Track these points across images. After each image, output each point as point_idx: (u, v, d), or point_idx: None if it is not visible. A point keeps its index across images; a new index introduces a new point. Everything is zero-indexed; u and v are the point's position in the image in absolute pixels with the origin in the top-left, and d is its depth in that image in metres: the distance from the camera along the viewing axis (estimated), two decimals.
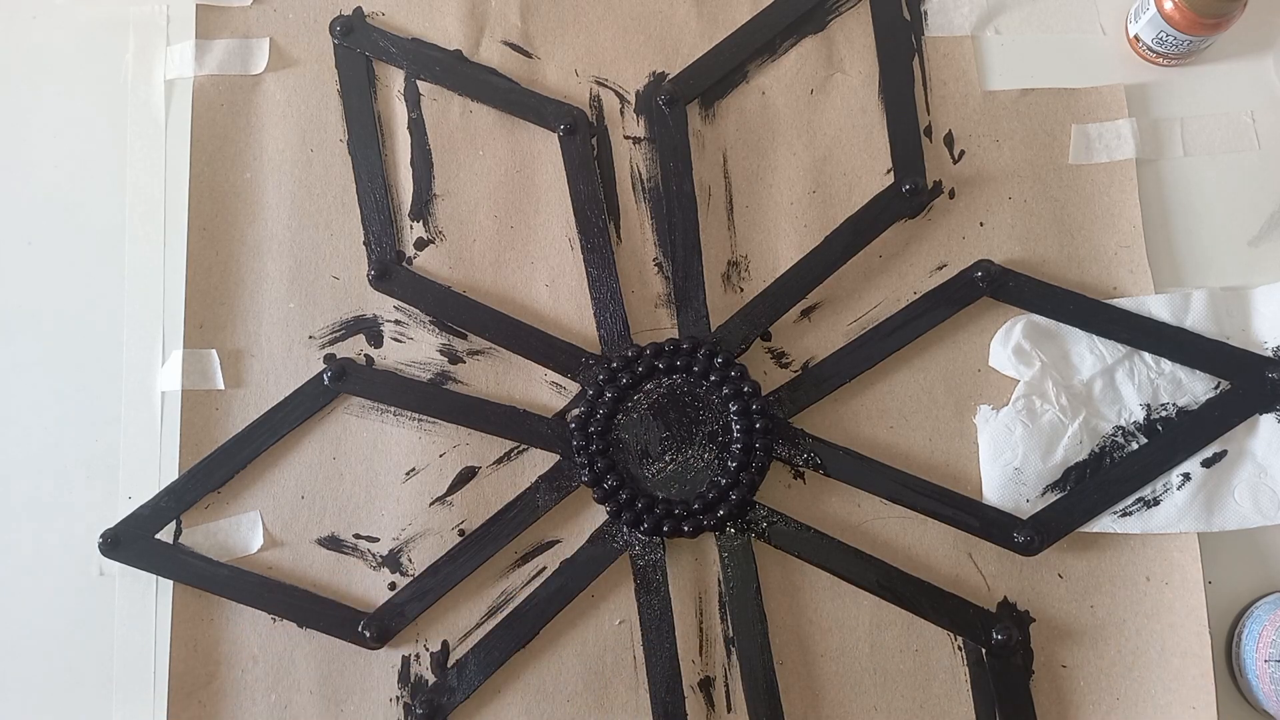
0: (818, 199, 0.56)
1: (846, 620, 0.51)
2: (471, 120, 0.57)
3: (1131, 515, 0.51)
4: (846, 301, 0.55)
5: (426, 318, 0.54)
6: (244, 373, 0.54)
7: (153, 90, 0.57)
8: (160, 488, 0.52)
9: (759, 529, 0.51)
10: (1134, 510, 0.51)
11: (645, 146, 0.56)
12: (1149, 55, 0.56)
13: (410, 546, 0.52)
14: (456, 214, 0.56)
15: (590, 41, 0.57)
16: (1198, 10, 0.52)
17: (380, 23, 0.57)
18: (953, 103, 0.56)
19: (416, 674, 0.51)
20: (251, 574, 0.52)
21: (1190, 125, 0.56)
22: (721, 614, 0.52)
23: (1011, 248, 0.55)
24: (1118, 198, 0.55)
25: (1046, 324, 0.53)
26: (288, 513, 0.53)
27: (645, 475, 0.52)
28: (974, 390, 0.53)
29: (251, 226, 0.55)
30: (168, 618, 0.52)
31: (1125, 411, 0.52)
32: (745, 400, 0.52)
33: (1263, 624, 0.49)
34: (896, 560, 0.51)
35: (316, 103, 0.57)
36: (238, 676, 0.51)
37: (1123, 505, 0.51)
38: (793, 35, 0.57)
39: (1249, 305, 0.53)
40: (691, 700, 0.51)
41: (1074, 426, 0.51)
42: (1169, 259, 0.55)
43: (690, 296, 0.54)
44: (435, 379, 0.54)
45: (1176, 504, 0.51)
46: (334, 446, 0.53)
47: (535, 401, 0.54)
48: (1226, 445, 0.51)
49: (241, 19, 0.58)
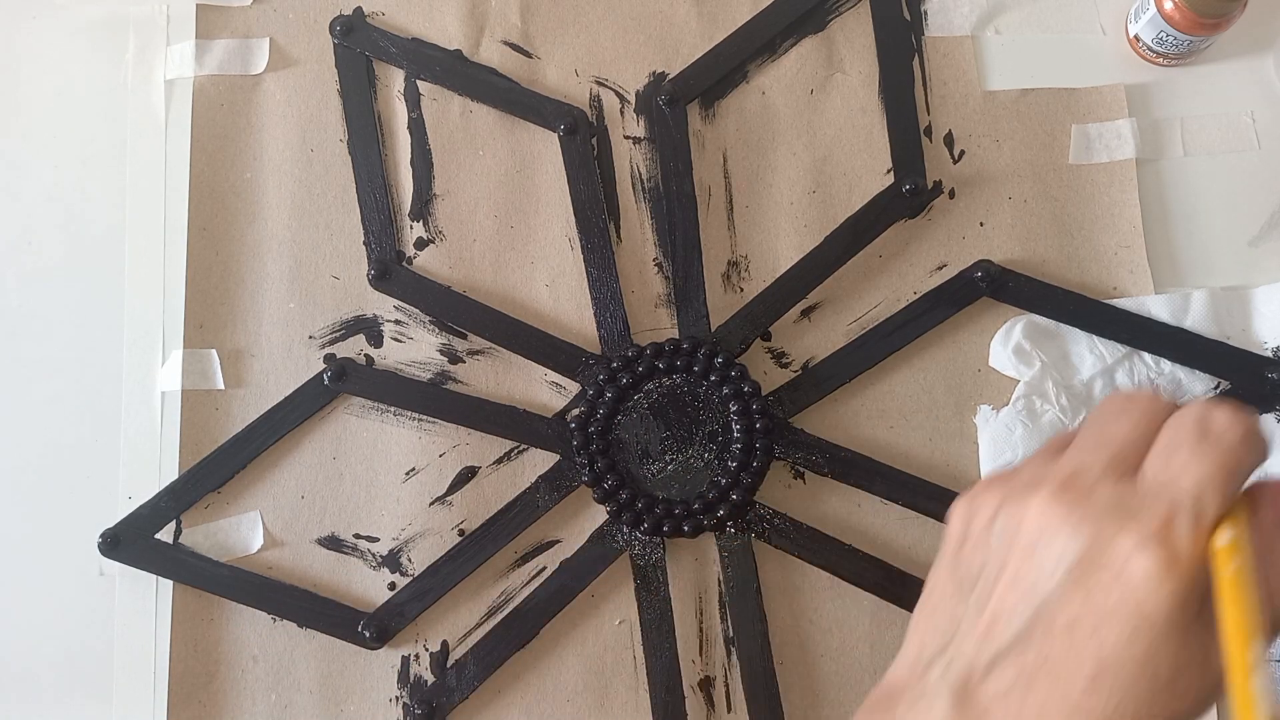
0: (818, 199, 0.56)
1: (846, 620, 0.51)
2: (471, 120, 0.57)
3: None
4: (846, 301, 0.55)
5: (426, 318, 0.54)
6: (244, 373, 0.54)
7: (153, 90, 0.57)
8: (160, 488, 0.52)
9: (759, 529, 0.51)
10: None
11: (645, 146, 0.56)
12: (1149, 55, 0.56)
13: (410, 546, 0.52)
14: (456, 214, 0.56)
15: (590, 41, 0.57)
16: (1198, 10, 0.52)
17: (380, 23, 0.57)
18: (953, 103, 0.56)
19: (416, 674, 0.51)
20: (251, 574, 0.52)
21: (1190, 125, 0.56)
22: (721, 614, 0.52)
23: (1011, 248, 0.55)
24: (1118, 198, 0.55)
25: (1046, 324, 0.53)
26: (288, 513, 0.53)
27: (645, 475, 0.52)
28: (974, 390, 0.53)
29: (251, 226, 0.55)
30: (168, 618, 0.52)
31: None
32: (745, 400, 0.52)
33: None
34: (896, 560, 0.51)
35: (316, 103, 0.57)
36: (238, 676, 0.51)
37: None
38: (793, 35, 0.57)
39: (1249, 305, 0.53)
40: (691, 700, 0.51)
41: (1074, 427, 0.51)
42: (1169, 259, 0.55)
43: (690, 296, 0.54)
44: (435, 379, 0.54)
45: None
46: (334, 446, 0.53)
47: (535, 401, 0.54)
48: None
49: (241, 19, 0.58)
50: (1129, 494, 0.30)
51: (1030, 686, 0.29)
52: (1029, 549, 0.31)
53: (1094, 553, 0.29)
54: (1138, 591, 0.28)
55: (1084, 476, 0.31)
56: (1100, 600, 0.29)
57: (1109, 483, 0.30)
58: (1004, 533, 0.32)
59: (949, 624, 0.33)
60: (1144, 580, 0.28)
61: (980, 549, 0.33)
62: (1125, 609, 0.28)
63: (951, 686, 0.31)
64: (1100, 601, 0.29)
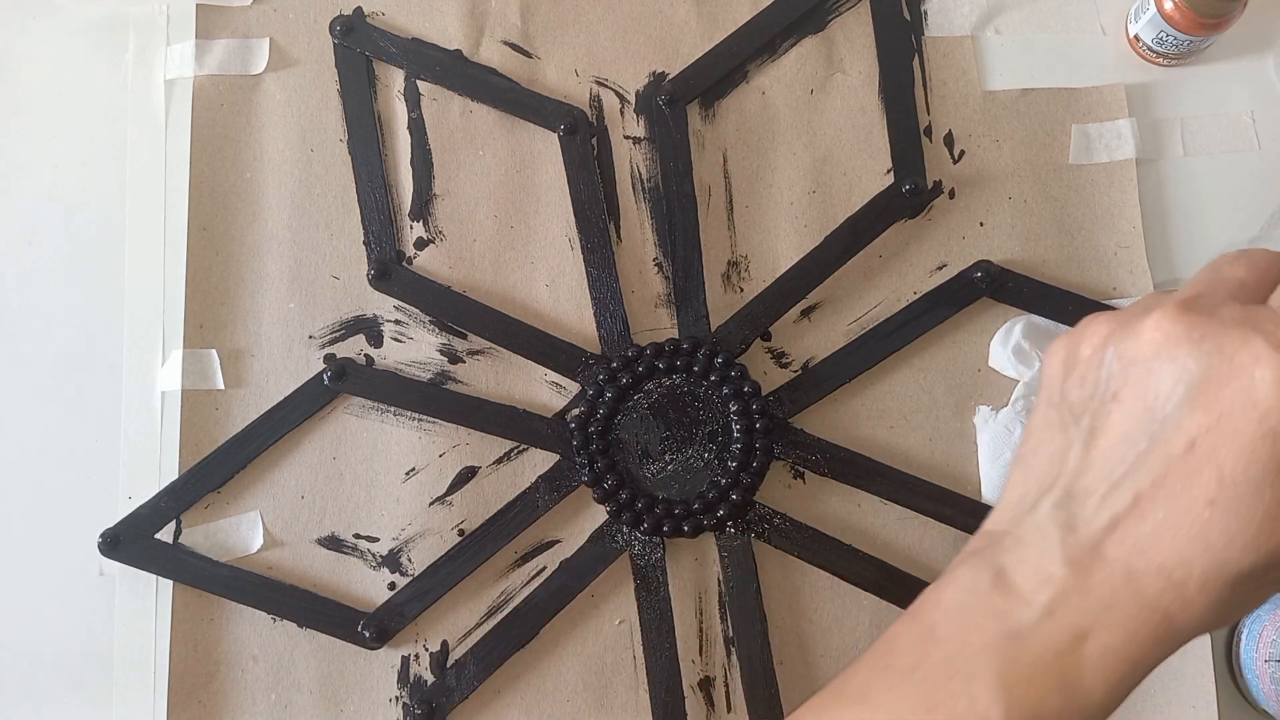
0: (818, 199, 0.56)
1: (846, 620, 0.51)
2: (471, 120, 0.57)
3: None
4: (846, 301, 0.55)
5: (426, 317, 0.54)
6: (244, 373, 0.54)
7: (153, 90, 0.57)
8: (160, 488, 0.52)
9: (759, 529, 0.51)
10: None
11: (645, 146, 0.56)
12: (1149, 55, 0.56)
13: (410, 546, 0.52)
14: (456, 214, 0.56)
15: (590, 41, 0.57)
16: (1198, 10, 0.52)
17: (380, 22, 0.57)
18: (953, 103, 0.56)
19: (416, 674, 0.51)
20: (251, 574, 0.52)
21: (1190, 125, 0.56)
22: (721, 614, 0.52)
23: (1011, 248, 0.55)
24: (1118, 198, 0.55)
25: (1046, 324, 0.53)
26: (288, 513, 0.53)
27: (645, 475, 0.52)
28: (974, 390, 0.53)
29: (251, 226, 0.55)
30: (168, 618, 0.51)
31: None
32: (745, 400, 0.52)
33: (1263, 624, 0.49)
34: (896, 560, 0.51)
35: (316, 103, 0.57)
36: (238, 676, 0.51)
37: None
38: (793, 35, 0.57)
39: None
40: (691, 700, 0.51)
41: None
42: (1169, 259, 0.55)
43: (690, 296, 0.54)
44: (435, 379, 0.54)
45: None
46: (334, 446, 0.53)
47: (535, 401, 0.54)
48: None
49: (241, 19, 0.58)
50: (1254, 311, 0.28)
51: (1145, 514, 0.28)
52: (1146, 369, 0.29)
53: (1217, 368, 0.27)
54: (1262, 404, 0.27)
55: (1207, 298, 0.29)
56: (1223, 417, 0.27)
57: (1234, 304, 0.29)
58: (1117, 356, 0.30)
59: (1054, 460, 0.31)
60: (1270, 392, 0.27)
61: (1088, 377, 0.31)
62: (1249, 425, 0.27)
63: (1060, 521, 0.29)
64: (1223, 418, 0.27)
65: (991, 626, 0.29)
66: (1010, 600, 0.29)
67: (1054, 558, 0.29)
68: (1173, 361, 0.28)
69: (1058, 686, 0.28)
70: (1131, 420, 0.29)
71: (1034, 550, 0.30)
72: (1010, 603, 0.29)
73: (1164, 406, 0.28)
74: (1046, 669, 0.28)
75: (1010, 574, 0.30)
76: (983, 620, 0.29)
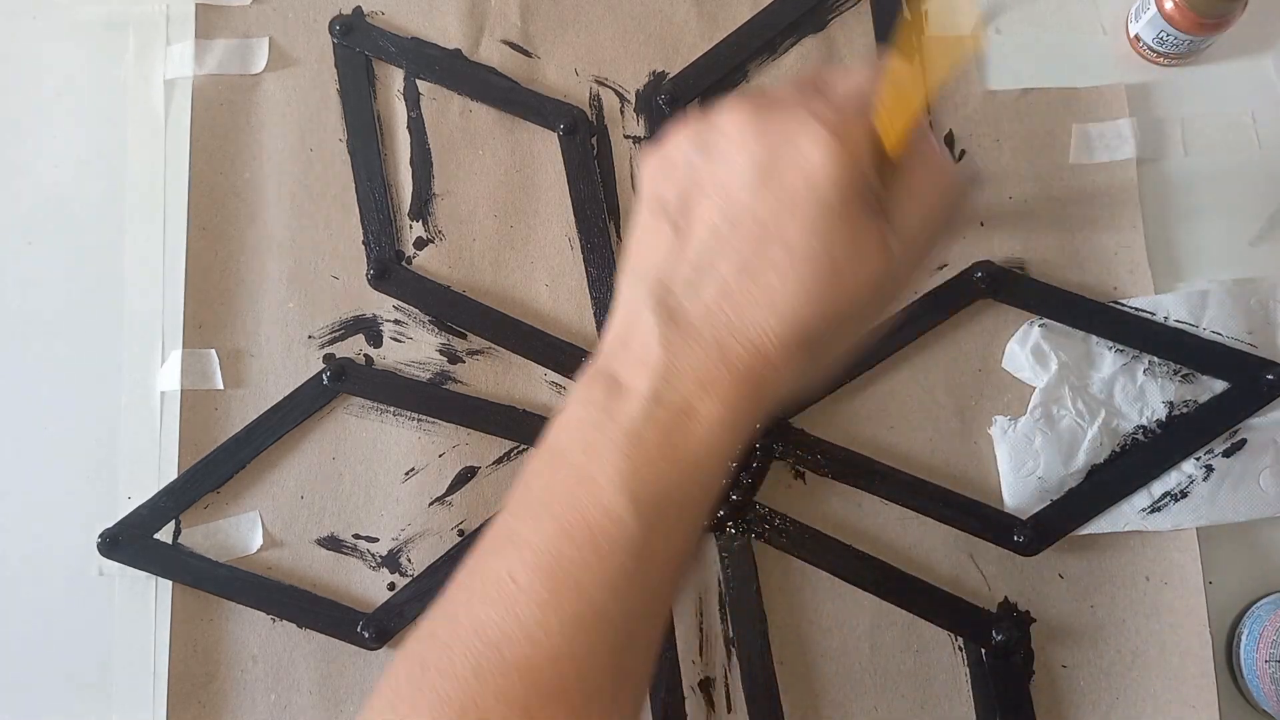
0: None
1: (846, 620, 0.51)
2: (471, 120, 0.57)
3: (1160, 511, 0.50)
4: None
5: (426, 317, 0.54)
6: (244, 373, 0.54)
7: (153, 90, 0.57)
8: (160, 488, 0.52)
9: (759, 529, 0.51)
10: (1163, 506, 0.51)
11: (645, 146, 0.56)
12: (1149, 55, 0.56)
13: (410, 547, 0.52)
14: (456, 214, 0.56)
15: (590, 41, 0.57)
16: (1198, 10, 0.52)
17: (380, 22, 0.57)
18: (953, 103, 0.56)
19: None
20: (251, 574, 0.52)
21: (1190, 125, 0.56)
22: (721, 614, 0.52)
23: (1011, 248, 0.55)
24: (1118, 198, 0.55)
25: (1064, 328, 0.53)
26: (287, 513, 0.53)
27: None
28: (974, 390, 0.53)
29: (251, 226, 0.55)
30: (167, 618, 0.52)
31: (1148, 410, 0.52)
32: None
33: (1263, 624, 0.49)
34: (896, 560, 0.51)
35: (316, 102, 0.57)
36: (238, 676, 0.51)
37: (1150, 501, 0.51)
38: (793, 35, 0.57)
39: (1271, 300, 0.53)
40: (691, 700, 0.51)
41: (1094, 429, 0.51)
42: (1169, 259, 0.55)
43: None
44: (435, 379, 0.54)
45: (1202, 496, 0.50)
46: (334, 446, 0.53)
47: (535, 401, 0.54)
48: (1247, 434, 0.51)
49: (241, 19, 0.58)
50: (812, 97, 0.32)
51: (732, 293, 0.31)
52: (724, 161, 0.32)
53: (780, 151, 0.31)
54: (815, 179, 0.30)
55: (778, 94, 0.33)
56: (785, 195, 0.31)
57: (796, 95, 0.32)
58: (699, 151, 0.33)
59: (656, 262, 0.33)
60: (821, 168, 0.30)
61: (677, 176, 0.33)
62: (805, 197, 0.30)
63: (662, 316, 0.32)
64: (786, 196, 0.30)
65: (610, 427, 0.32)
66: (622, 399, 0.32)
67: (654, 349, 0.32)
68: (744, 150, 0.31)
69: (673, 463, 0.31)
70: (715, 210, 0.32)
71: (638, 348, 0.32)
72: (622, 401, 0.32)
73: (740, 194, 0.31)
74: (660, 451, 0.31)
75: (619, 375, 0.32)
76: (602, 424, 0.32)
